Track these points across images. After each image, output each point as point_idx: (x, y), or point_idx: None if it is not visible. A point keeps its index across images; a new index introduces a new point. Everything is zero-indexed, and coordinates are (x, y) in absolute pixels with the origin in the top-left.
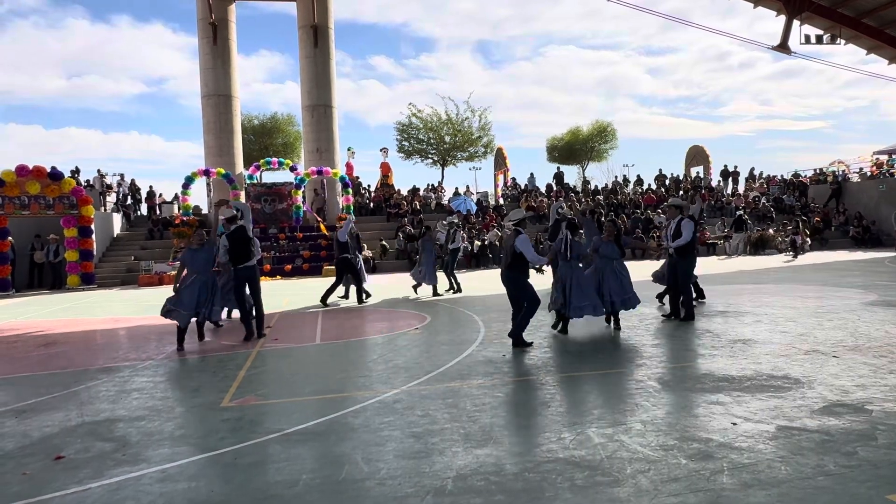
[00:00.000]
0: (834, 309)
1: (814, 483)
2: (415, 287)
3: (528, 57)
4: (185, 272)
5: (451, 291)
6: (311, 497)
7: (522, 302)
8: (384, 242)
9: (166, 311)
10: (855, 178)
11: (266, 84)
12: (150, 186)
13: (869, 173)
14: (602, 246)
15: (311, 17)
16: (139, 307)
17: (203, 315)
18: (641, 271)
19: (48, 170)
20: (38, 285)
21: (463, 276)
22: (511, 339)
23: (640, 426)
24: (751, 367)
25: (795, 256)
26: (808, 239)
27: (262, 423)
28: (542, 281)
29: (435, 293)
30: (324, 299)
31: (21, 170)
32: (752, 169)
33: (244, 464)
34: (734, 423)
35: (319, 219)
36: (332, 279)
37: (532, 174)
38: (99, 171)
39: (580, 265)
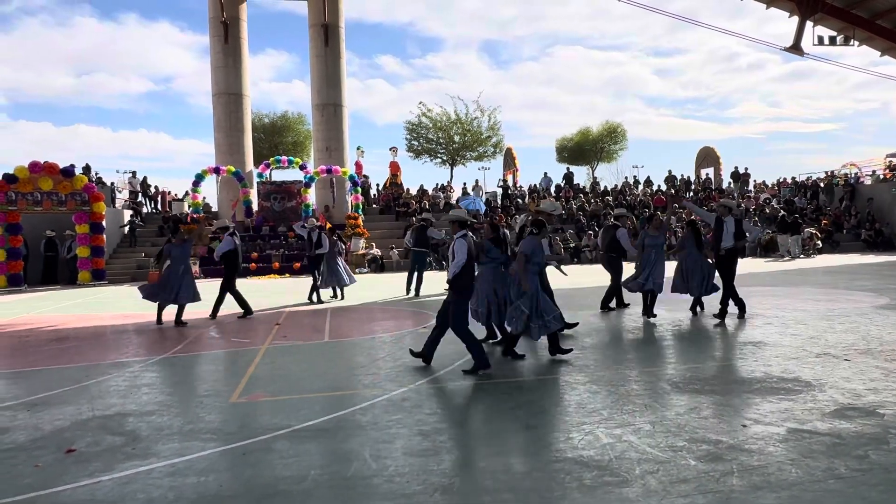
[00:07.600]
0: (845, 312)
1: (824, 486)
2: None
3: (536, 57)
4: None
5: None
6: (319, 493)
7: None
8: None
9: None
10: (867, 180)
11: (273, 83)
12: (156, 186)
13: (882, 176)
14: (648, 238)
15: (321, 15)
16: (149, 303)
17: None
18: None
19: (60, 166)
20: (53, 281)
21: None
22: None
23: (649, 427)
24: (761, 370)
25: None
26: (818, 242)
27: (271, 419)
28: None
29: (313, 298)
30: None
31: (34, 166)
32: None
33: (253, 459)
34: (744, 425)
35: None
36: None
37: (546, 173)
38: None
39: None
